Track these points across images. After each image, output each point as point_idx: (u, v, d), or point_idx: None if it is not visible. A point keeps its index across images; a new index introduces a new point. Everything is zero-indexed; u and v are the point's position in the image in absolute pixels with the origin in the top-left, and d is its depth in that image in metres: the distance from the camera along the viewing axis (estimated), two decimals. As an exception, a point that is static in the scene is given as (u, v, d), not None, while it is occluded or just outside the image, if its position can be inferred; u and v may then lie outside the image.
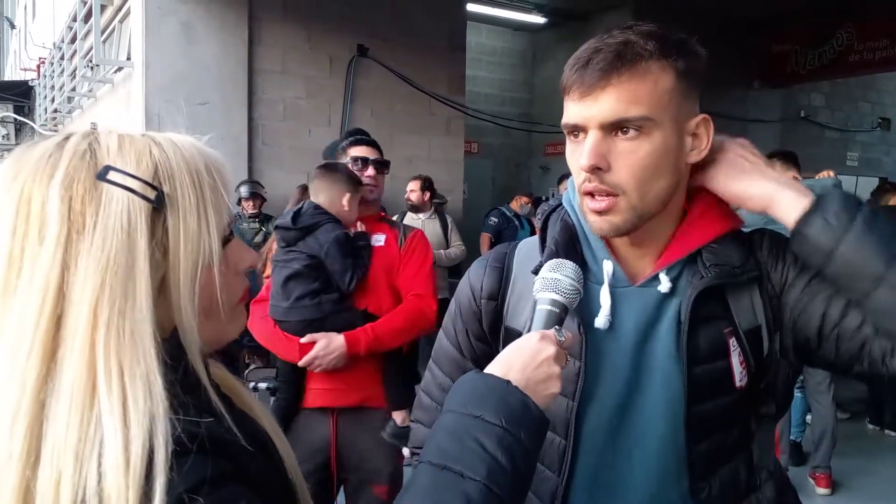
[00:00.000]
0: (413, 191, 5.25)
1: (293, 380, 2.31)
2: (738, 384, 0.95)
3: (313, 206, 2.30)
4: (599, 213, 0.92)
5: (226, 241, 0.75)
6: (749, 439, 1.00)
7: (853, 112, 11.40)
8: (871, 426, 4.95)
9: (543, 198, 8.21)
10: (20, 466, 0.59)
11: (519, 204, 6.47)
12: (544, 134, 9.12)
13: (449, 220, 5.41)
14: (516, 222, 6.20)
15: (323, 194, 2.30)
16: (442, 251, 5.15)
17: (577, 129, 0.93)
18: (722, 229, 0.97)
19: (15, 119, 13.77)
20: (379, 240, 2.37)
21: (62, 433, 0.59)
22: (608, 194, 0.90)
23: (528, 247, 1.09)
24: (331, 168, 2.34)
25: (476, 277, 1.10)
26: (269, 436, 0.79)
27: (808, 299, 0.95)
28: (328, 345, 2.22)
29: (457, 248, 5.32)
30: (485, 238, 6.03)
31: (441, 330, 1.16)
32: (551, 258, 0.96)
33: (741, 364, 0.96)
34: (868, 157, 11.73)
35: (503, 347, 1.05)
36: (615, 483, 0.98)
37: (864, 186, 10.84)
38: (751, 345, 0.96)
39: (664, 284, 0.96)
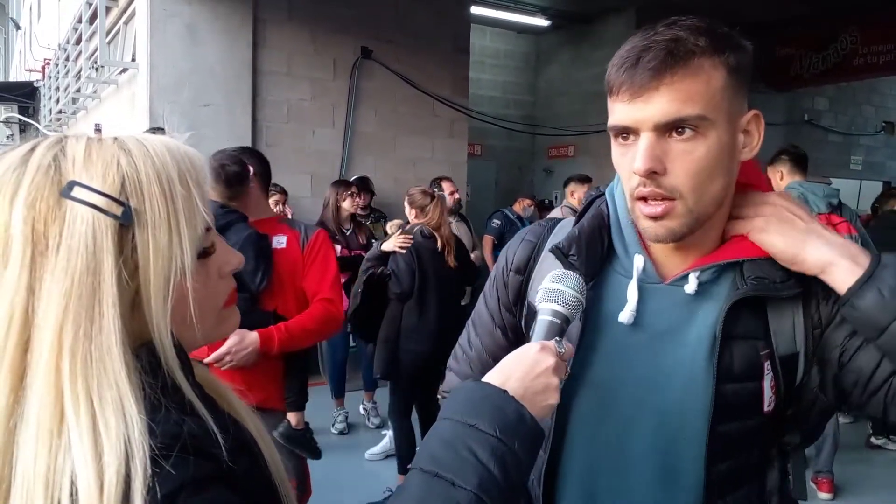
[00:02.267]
0: (455, 192, 5.11)
1: None
2: (765, 409, 0.93)
3: (219, 206, 2.29)
4: (655, 218, 0.88)
5: (206, 251, 0.73)
6: (766, 466, 0.98)
7: (857, 116, 11.38)
8: (874, 440, 4.89)
9: (546, 201, 8.20)
10: None
11: (522, 206, 6.47)
12: (547, 136, 9.11)
13: (469, 222, 5.37)
14: (519, 224, 6.19)
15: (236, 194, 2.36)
16: (475, 253, 5.08)
17: (627, 132, 0.89)
18: None
19: (20, 120, 13.80)
20: (281, 242, 2.37)
21: (30, 462, 0.58)
22: (664, 198, 0.87)
23: (566, 227, 1.06)
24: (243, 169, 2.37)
25: (511, 250, 1.10)
26: (253, 438, 0.78)
27: (858, 346, 0.91)
28: (241, 341, 2.19)
29: (479, 250, 5.33)
30: (487, 240, 6.03)
31: (482, 293, 1.16)
32: (572, 241, 0.96)
33: (772, 389, 0.93)
34: (872, 160, 11.71)
35: (523, 322, 1.05)
36: (614, 478, 0.97)
37: (868, 190, 10.83)
38: (784, 371, 0.93)
39: (691, 285, 0.93)
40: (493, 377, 0.80)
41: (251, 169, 2.44)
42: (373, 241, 4.88)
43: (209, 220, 0.73)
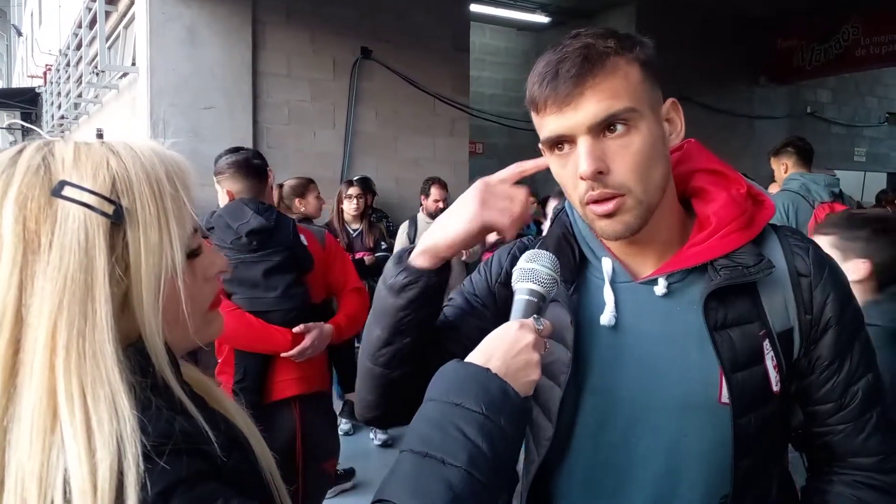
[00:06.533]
0: (442, 199, 4.96)
1: (261, 376, 2.28)
2: (774, 389, 0.94)
3: (258, 203, 2.29)
4: (609, 215, 0.91)
5: (194, 251, 0.74)
6: (783, 452, 1.00)
7: (860, 107, 11.33)
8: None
9: (549, 197, 8.18)
10: None
11: (525, 204, 6.45)
12: (549, 133, 9.08)
13: None
14: (522, 222, 6.17)
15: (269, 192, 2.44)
16: (473, 249, 4.99)
17: (561, 141, 0.92)
18: (739, 243, 0.95)
19: (22, 126, 13.85)
20: (303, 240, 2.46)
21: (24, 461, 0.58)
22: (613, 196, 0.90)
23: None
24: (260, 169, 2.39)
25: (498, 262, 1.10)
26: (244, 435, 0.78)
27: (832, 378, 0.96)
28: (321, 333, 2.27)
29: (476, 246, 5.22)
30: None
31: (470, 275, 1.16)
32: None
33: (775, 368, 0.94)
34: (875, 152, 11.66)
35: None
36: (619, 478, 0.98)
37: (872, 182, 10.79)
38: (783, 347, 0.95)
39: (660, 287, 0.96)
40: (475, 357, 0.82)
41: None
42: (381, 243, 4.84)
43: (196, 221, 0.74)
